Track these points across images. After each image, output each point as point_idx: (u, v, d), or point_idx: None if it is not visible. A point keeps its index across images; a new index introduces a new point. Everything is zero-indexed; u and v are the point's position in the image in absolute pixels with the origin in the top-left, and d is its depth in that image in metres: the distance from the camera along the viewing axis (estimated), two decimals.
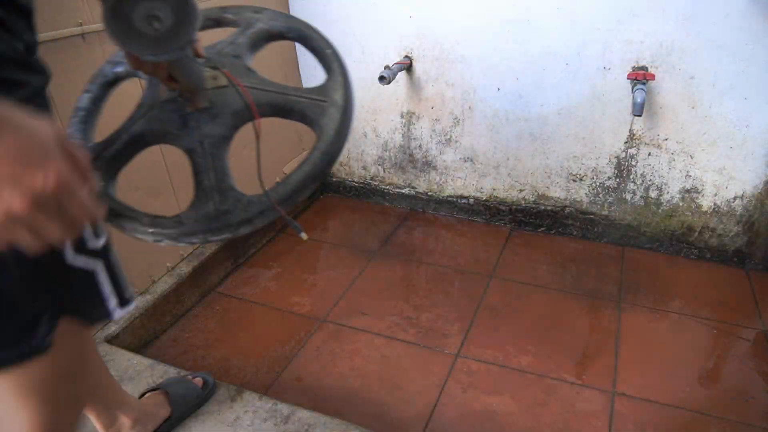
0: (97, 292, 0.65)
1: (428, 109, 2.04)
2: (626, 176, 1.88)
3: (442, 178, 2.17)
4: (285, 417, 1.24)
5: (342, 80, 0.81)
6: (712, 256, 1.90)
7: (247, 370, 1.50)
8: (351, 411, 1.37)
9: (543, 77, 1.81)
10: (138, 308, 1.55)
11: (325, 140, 0.76)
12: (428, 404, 1.39)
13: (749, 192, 1.75)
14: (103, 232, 0.66)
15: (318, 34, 0.87)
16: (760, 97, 1.60)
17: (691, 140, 1.74)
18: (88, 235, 0.62)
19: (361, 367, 1.50)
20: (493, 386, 1.44)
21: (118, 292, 0.67)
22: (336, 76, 0.82)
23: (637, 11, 1.61)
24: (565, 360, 1.51)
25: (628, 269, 1.88)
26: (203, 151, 0.78)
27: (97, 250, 0.64)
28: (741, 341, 1.57)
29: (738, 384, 1.43)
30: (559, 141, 1.90)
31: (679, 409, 1.36)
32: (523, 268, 1.90)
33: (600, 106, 1.79)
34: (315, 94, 0.81)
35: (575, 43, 1.72)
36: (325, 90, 0.80)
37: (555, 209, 2.04)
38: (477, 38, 1.83)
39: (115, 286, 0.67)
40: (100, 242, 0.65)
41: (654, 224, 1.93)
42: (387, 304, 1.74)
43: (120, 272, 0.67)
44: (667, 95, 1.70)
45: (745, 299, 1.73)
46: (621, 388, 1.42)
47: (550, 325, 1.64)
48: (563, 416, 1.35)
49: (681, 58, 1.63)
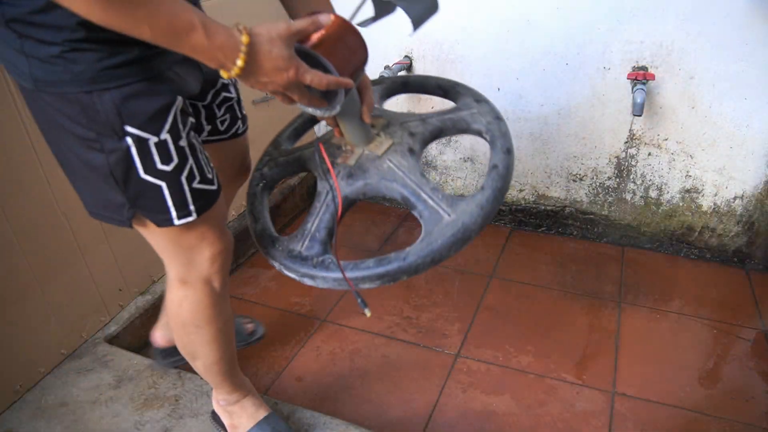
0: (162, 202, 0.79)
1: (428, 109, 2.04)
2: (626, 176, 1.88)
3: (442, 178, 2.17)
4: (285, 417, 1.24)
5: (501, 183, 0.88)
6: (712, 256, 1.90)
7: (247, 370, 1.50)
8: (351, 411, 1.37)
9: (543, 77, 1.81)
10: (138, 308, 1.55)
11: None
12: (428, 404, 1.39)
13: (749, 192, 1.75)
14: (172, 159, 0.78)
15: (508, 140, 0.92)
16: (760, 97, 1.60)
17: (691, 140, 1.74)
18: (156, 160, 0.76)
19: (361, 367, 1.50)
20: (493, 386, 1.44)
21: (179, 207, 0.80)
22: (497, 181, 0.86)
23: (637, 11, 1.61)
24: (565, 360, 1.51)
25: (628, 269, 1.88)
26: (325, 198, 0.89)
27: (165, 172, 0.77)
28: (741, 341, 1.57)
29: (738, 384, 1.43)
30: (559, 141, 1.90)
31: (679, 409, 1.36)
32: (523, 268, 1.90)
33: (600, 106, 1.79)
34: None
35: (575, 43, 1.72)
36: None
37: (555, 209, 2.04)
38: (477, 38, 1.83)
39: (177, 202, 0.80)
40: (168, 167, 0.77)
41: (654, 224, 1.93)
42: (387, 304, 1.74)
43: (184, 192, 0.80)
44: (667, 95, 1.69)
45: (745, 299, 1.73)
46: (621, 388, 1.42)
47: (550, 325, 1.64)
48: (563, 416, 1.35)
49: (681, 58, 1.63)
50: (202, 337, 0.98)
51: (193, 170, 0.80)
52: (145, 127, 0.73)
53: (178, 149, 0.78)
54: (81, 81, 0.69)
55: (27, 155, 1.23)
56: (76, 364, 1.39)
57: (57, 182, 1.30)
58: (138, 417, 1.25)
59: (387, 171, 0.86)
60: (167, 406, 1.28)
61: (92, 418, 1.25)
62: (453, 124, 0.95)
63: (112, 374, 1.36)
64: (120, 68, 0.70)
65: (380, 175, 0.87)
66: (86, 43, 0.67)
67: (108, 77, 0.69)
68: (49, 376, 1.35)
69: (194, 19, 0.64)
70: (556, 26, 1.71)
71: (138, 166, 0.75)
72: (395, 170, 0.87)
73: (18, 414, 1.25)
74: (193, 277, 0.90)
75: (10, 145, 1.19)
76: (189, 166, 0.79)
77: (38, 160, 1.25)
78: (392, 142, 0.89)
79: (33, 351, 1.32)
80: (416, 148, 0.90)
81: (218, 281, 0.93)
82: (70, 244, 1.36)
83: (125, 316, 1.53)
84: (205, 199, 0.83)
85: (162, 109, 0.74)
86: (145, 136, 0.74)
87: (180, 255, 0.88)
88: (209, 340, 0.99)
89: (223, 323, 0.99)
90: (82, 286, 1.41)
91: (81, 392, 1.31)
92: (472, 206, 0.82)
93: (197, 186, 0.81)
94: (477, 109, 0.95)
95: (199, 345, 1.01)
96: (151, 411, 1.26)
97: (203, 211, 0.83)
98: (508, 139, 0.90)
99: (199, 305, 0.93)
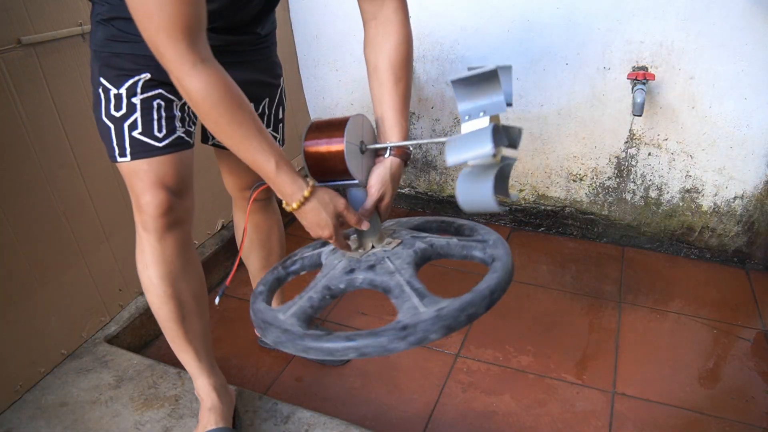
0: (109, 140, 0.97)
1: (428, 109, 2.04)
2: (626, 176, 1.88)
3: (442, 177, 2.17)
4: (285, 417, 1.24)
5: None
6: (712, 256, 1.90)
7: (247, 370, 1.50)
8: (351, 411, 1.37)
9: (543, 77, 1.81)
10: (138, 308, 1.55)
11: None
12: (428, 404, 1.39)
13: (749, 192, 1.75)
14: (120, 108, 0.95)
15: (509, 272, 0.94)
16: (760, 97, 1.60)
17: (691, 140, 1.74)
18: (111, 106, 0.95)
19: (361, 367, 1.50)
20: (492, 386, 1.44)
21: (120, 148, 0.97)
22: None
23: (637, 11, 1.61)
24: (565, 360, 1.51)
25: (628, 269, 1.88)
26: (318, 284, 0.93)
27: (114, 117, 0.96)
28: (741, 341, 1.57)
29: (738, 384, 1.43)
30: (559, 141, 1.90)
31: (679, 409, 1.36)
32: (523, 268, 1.90)
33: (600, 106, 1.79)
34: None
35: (575, 43, 1.72)
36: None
37: (555, 209, 2.04)
38: (477, 38, 1.83)
39: (119, 143, 0.97)
40: (117, 114, 0.95)
41: (654, 224, 1.93)
42: (387, 303, 1.73)
43: (124, 137, 0.96)
44: (667, 95, 1.69)
45: (745, 299, 1.73)
46: (621, 388, 1.42)
47: (550, 325, 1.64)
48: (563, 416, 1.35)
49: (681, 58, 1.63)
50: (146, 281, 1.05)
51: (137, 122, 0.95)
52: (111, 81, 0.94)
53: (129, 103, 0.94)
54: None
55: (27, 155, 1.23)
56: (76, 364, 1.39)
57: (57, 182, 1.30)
58: (138, 417, 1.25)
59: (386, 268, 0.92)
60: (167, 406, 1.28)
61: (92, 418, 1.25)
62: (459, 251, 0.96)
63: (112, 374, 1.36)
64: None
65: (379, 272, 0.91)
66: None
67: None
68: (49, 376, 1.35)
69: (269, 166, 0.83)
70: (556, 26, 1.71)
71: (102, 108, 0.95)
72: (391, 267, 0.91)
73: (18, 414, 1.25)
74: (136, 220, 1.02)
75: (10, 145, 1.19)
76: (134, 118, 0.94)
77: (38, 160, 1.25)
78: (400, 241, 0.95)
79: (33, 351, 1.32)
80: (414, 269, 0.91)
81: (153, 232, 1.00)
82: (70, 244, 1.36)
83: (125, 316, 1.53)
84: (142, 148, 0.95)
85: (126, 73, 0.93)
86: (109, 86, 0.94)
87: (131, 197, 1.01)
88: (147, 286, 1.06)
89: (169, 278, 1.04)
90: (82, 286, 1.41)
91: (81, 392, 1.31)
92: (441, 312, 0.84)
93: (136, 135, 0.95)
94: (486, 240, 0.95)
95: (145, 288, 1.07)
96: (151, 411, 1.26)
97: (138, 157, 0.95)
98: (508, 273, 0.93)
99: (140, 249, 1.03)
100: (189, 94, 0.78)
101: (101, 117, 0.96)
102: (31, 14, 1.19)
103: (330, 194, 0.89)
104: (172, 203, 0.98)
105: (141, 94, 0.94)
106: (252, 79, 1.08)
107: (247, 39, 1.04)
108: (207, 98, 0.77)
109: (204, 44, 0.77)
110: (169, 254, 1.03)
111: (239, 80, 0.87)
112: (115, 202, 1.45)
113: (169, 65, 0.76)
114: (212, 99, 0.77)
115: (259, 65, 1.10)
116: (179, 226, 1.02)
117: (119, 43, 0.92)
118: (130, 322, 1.52)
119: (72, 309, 1.40)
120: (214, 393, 1.18)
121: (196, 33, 0.75)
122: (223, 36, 0.97)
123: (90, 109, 1.33)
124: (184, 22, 0.73)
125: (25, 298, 1.27)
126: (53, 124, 1.27)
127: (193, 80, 0.76)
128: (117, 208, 1.46)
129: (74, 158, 1.33)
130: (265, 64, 1.12)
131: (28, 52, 1.19)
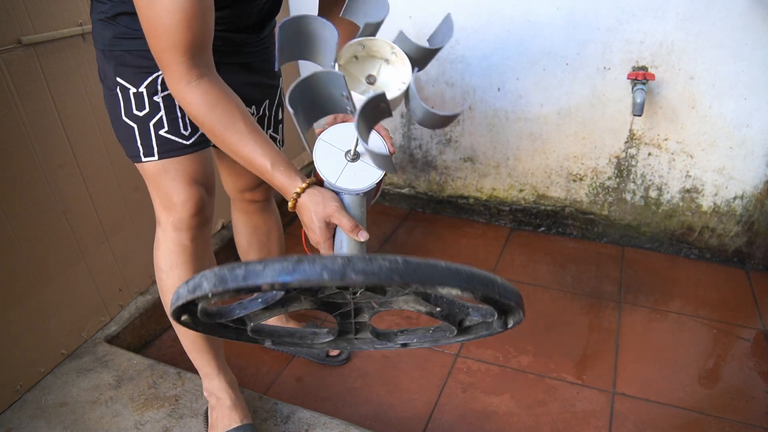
0: (134, 141, 0.98)
1: None
2: (626, 176, 1.88)
3: (442, 178, 2.17)
4: (285, 417, 1.24)
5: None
6: (712, 256, 1.91)
7: (247, 370, 1.50)
8: (351, 411, 1.37)
9: (543, 77, 1.81)
10: (138, 308, 1.55)
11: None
12: (428, 404, 1.39)
13: (749, 192, 1.75)
14: (144, 107, 0.95)
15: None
16: (760, 97, 1.60)
17: (691, 140, 1.74)
18: (133, 106, 0.95)
19: (361, 367, 1.50)
20: (493, 386, 1.44)
21: (146, 147, 0.98)
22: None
23: (637, 11, 1.61)
24: (565, 360, 1.51)
25: (628, 269, 1.88)
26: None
27: (137, 117, 0.96)
28: (741, 341, 1.57)
29: (738, 384, 1.43)
30: (559, 141, 1.90)
31: (679, 409, 1.36)
32: (523, 268, 1.90)
33: (600, 106, 1.79)
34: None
35: (575, 43, 1.72)
36: None
37: (555, 209, 2.04)
38: (477, 38, 1.83)
39: (144, 143, 0.97)
40: (140, 113, 0.95)
41: (654, 224, 1.93)
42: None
43: (150, 136, 0.96)
44: (667, 95, 1.70)
45: (745, 299, 1.73)
46: (621, 388, 1.42)
47: (550, 325, 1.64)
48: (563, 416, 1.35)
49: (681, 58, 1.63)
50: (171, 282, 1.04)
51: (163, 121, 0.95)
52: (129, 80, 0.93)
53: (152, 102, 0.93)
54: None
55: (27, 155, 1.23)
56: (76, 364, 1.39)
57: (57, 182, 1.30)
58: (138, 417, 1.25)
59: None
60: (167, 406, 1.28)
61: (92, 418, 1.25)
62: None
63: (112, 374, 1.36)
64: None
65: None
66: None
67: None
68: (49, 376, 1.35)
69: (266, 165, 0.83)
70: (556, 26, 1.71)
71: (121, 109, 0.94)
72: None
73: (18, 414, 1.25)
74: (163, 219, 1.00)
75: (10, 145, 1.19)
76: (159, 116, 0.94)
77: (38, 160, 1.25)
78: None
79: (33, 351, 1.32)
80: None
81: (186, 231, 0.99)
82: (70, 244, 1.36)
83: (125, 316, 1.53)
84: (171, 147, 0.96)
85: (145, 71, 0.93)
86: (128, 86, 0.93)
87: (156, 197, 1.00)
88: (173, 288, 1.04)
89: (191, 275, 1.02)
90: (82, 286, 1.41)
91: (81, 392, 1.31)
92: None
93: (163, 134, 0.95)
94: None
95: (166, 291, 1.06)
96: (151, 411, 1.26)
97: (167, 156, 0.95)
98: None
99: (166, 249, 1.01)
100: (185, 107, 0.82)
101: (121, 117, 0.95)
102: (32, 14, 1.19)
103: (326, 195, 0.82)
104: (206, 201, 0.99)
105: (162, 91, 0.94)
106: (253, 82, 1.08)
107: (248, 39, 1.04)
108: (201, 109, 0.81)
109: (206, 59, 0.80)
110: (199, 253, 1.02)
111: (240, 83, 0.87)
112: (115, 202, 1.45)
113: (169, 81, 0.81)
114: (206, 110, 0.81)
115: (259, 66, 1.10)
116: (207, 225, 1.02)
117: (130, 41, 0.91)
118: (131, 322, 1.52)
119: (72, 309, 1.40)
120: (231, 390, 1.19)
121: (200, 52, 0.79)
122: (224, 35, 0.97)
123: (90, 109, 1.34)
124: (188, 44, 0.76)
125: (25, 298, 1.27)
126: (53, 124, 1.27)
127: (187, 95, 0.80)
128: (117, 208, 1.46)
129: (74, 158, 1.33)
130: (266, 65, 1.12)
131: (28, 52, 1.19)
